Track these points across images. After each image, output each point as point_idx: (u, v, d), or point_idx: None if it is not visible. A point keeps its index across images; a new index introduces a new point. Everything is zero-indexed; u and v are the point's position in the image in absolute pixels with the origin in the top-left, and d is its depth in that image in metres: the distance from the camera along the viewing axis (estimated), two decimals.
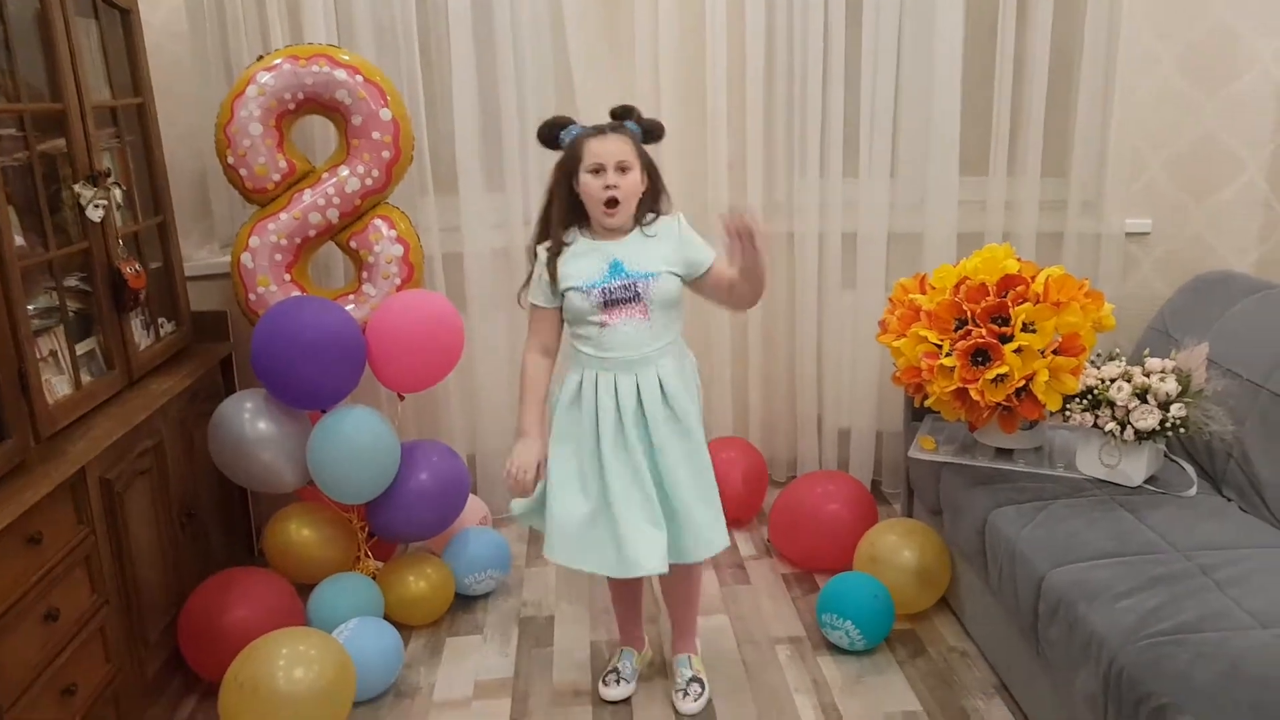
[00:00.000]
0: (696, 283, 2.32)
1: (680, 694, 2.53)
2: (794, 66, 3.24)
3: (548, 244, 2.32)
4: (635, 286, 2.26)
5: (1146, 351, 2.63)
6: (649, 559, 2.24)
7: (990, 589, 2.49)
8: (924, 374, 2.62)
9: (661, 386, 2.28)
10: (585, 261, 2.28)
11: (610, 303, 2.26)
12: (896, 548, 2.78)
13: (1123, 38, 3.11)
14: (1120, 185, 3.22)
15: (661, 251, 2.29)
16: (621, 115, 2.31)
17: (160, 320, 2.84)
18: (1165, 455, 2.63)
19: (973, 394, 2.53)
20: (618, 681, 2.57)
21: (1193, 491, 2.50)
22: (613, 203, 2.23)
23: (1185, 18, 3.17)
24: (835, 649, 2.71)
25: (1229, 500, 2.50)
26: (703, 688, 2.54)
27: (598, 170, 2.23)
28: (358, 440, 2.67)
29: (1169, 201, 3.31)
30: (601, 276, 2.26)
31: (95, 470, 2.27)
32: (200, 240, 3.20)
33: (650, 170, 2.30)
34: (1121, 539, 2.26)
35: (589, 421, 2.28)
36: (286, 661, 2.27)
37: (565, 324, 2.36)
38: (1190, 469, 2.59)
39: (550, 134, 2.32)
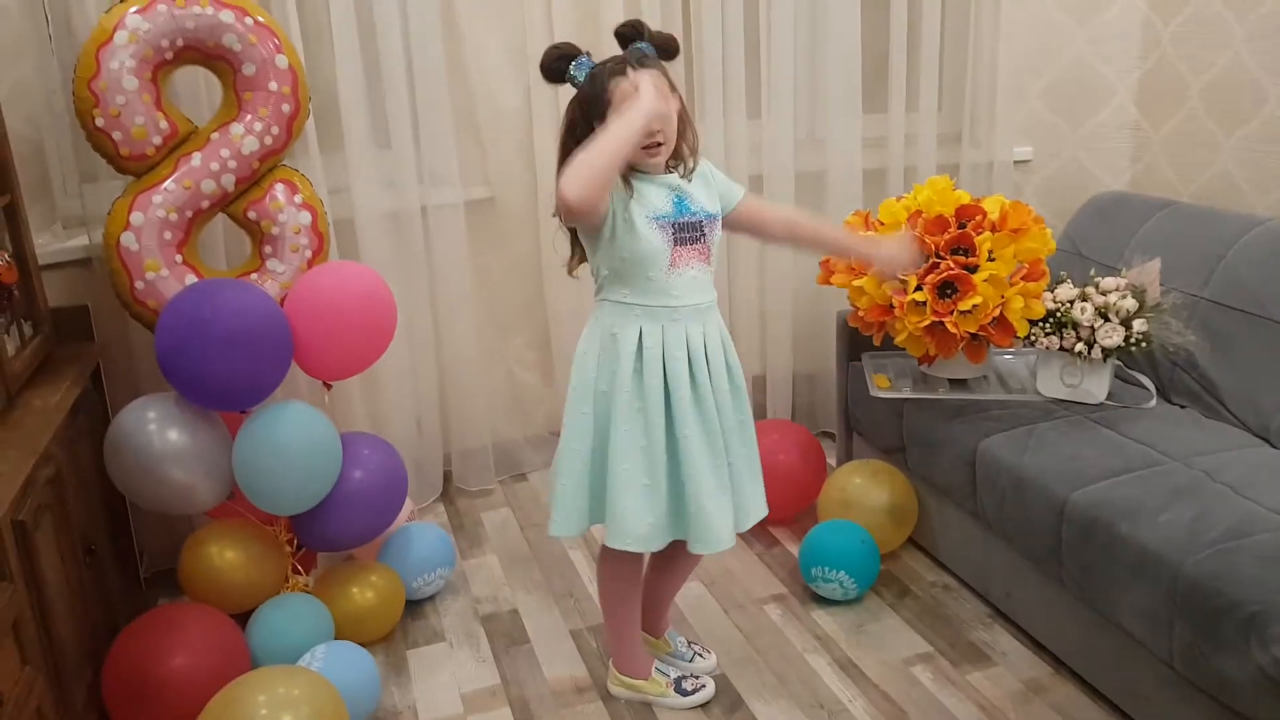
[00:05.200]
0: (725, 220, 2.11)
1: (698, 657, 2.40)
2: (690, 8, 3.08)
3: None
4: (701, 226, 2.00)
5: (1092, 272, 2.70)
6: (728, 533, 2.06)
7: (983, 519, 2.49)
8: (895, 311, 2.57)
9: (722, 340, 2.07)
10: (649, 190, 1.96)
11: (679, 241, 1.97)
12: (866, 490, 2.74)
13: None
14: (1009, 115, 3.30)
15: (709, 191, 2.06)
16: (630, 35, 1.95)
17: (19, 322, 2.33)
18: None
19: (949, 326, 2.51)
20: (700, 681, 2.32)
21: (1153, 403, 2.60)
22: (655, 145, 1.93)
23: None
24: (823, 601, 2.64)
25: (1183, 408, 2.62)
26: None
27: None
28: (297, 442, 2.30)
29: (1047, 128, 3.44)
30: (670, 210, 1.97)
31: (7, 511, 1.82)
32: (40, 223, 2.64)
33: (680, 99, 1.99)
34: (1122, 456, 2.31)
35: (656, 384, 1.98)
36: (269, 711, 1.91)
37: (607, 272, 2.00)
38: (1148, 381, 2.69)
39: (557, 67, 1.94)
